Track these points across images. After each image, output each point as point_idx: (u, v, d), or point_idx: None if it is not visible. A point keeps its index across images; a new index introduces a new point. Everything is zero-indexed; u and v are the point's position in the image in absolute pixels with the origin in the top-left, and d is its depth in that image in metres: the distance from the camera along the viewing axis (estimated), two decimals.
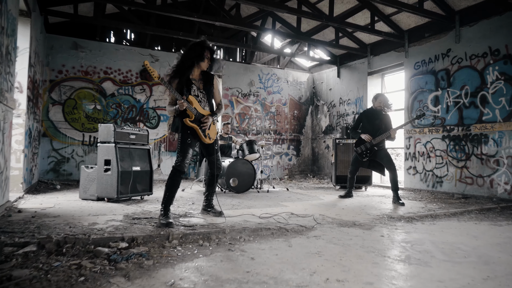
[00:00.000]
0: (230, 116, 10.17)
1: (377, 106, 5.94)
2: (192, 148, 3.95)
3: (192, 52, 3.85)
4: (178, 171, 3.81)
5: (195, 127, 3.85)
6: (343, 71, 10.29)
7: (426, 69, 7.72)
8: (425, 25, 7.77)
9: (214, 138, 4.10)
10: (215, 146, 4.14)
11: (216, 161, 4.20)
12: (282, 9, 6.63)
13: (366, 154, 5.88)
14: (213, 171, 4.23)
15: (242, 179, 6.88)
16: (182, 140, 3.88)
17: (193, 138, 3.93)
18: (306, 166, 11.36)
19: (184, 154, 3.84)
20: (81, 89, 8.35)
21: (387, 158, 5.86)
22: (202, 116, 3.89)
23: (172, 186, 3.83)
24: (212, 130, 4.07)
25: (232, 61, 10.55)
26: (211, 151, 4.13)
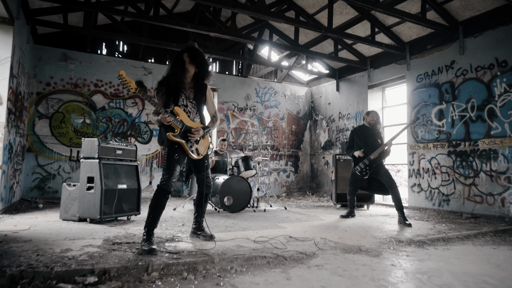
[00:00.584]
0: (225, 131, 9.82)
1: (370, 121, 5.77)
2: (180, 164, 3.56)
3: (173, 58, 3.54)
4: (164, 191, 3.41)
5: (181, 142, 3.48)
6: (342, 85, 10.00)
7: (429, 82, 7.42)
8: (427, 37, 7.52)
9: (203, 153, 3.71)
10: (205, 162, 3.76)
11: (205, 178, 3.81)
12: (279, 19, 6.35)
13: (366, 171, 5.57)
14: (202, 189, 3.83)
15: (237, 197, 6.47)
16: (169, 155, 3.50)
17: (182, 153, 3.55)
18: (304, 183, 10.95)
19: (170, 171, 3.45)
20: (70, 102, 7.99)
21: (386, 175, 5.52)
22: (190, 128, 3.53)
23: (156, 208, 3.42)
24: (202, 145, 3.68)
25: (228, 74, 10.26)
26: (200, 167, 3.74)
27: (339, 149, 9.83)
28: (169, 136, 3.39)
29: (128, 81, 3.17)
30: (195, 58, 3.50)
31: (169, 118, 3.31)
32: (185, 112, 3.53)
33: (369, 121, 5.79)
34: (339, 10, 7.72)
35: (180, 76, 3.47)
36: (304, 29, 8.83)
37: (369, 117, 5.80)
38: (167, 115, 3.30)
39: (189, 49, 3.54)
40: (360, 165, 5.60)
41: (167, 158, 3.49)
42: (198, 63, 3.52)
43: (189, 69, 3.50)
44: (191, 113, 3.58)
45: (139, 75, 8.70)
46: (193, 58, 3.49)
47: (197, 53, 3.55)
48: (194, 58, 3.49)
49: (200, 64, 3.53)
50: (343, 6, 7.61)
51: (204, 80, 3.67)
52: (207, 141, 3.75)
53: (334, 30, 7.03)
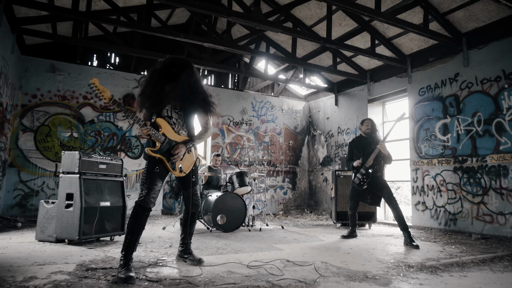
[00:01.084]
0: (220, 146, 9.45)
1: (365, 130, 5.54)
2: (161, 178, 3.18)
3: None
4: (142, 208, 3.03)
5: (161, 158, 3.11)
6: (341, 99, 9.72)
7: (432, 95, 7.13)
8: (428, 49, 7.27)
9: (186, 171, 3.32)
10: (191, 178, 3.38)
11: (192, 196, 3.42)
12: (276, 28, 6.09)
13: (363, 180, 5.27)
14: (188, 208, 3.44)
15: (231, 215, 6.05)
16: (149, 167, 3.13)
17: (163, 166, 3.18)
18: (302, 200, 10.53)
19: (150, 185, 3.07)
20: (57, 115, 7.63)
21: (387, 190, 5.21)
22: (172, 143, 3.17)
23: (134, 227, 3.02)
24: (186, 161, 3.30)
25: (224, 87, 9.97)
26: (186, 183, 3.35)
27: (338, 165, 9.46)
28: (148, 151, 3.06)
29: (101, 90, 2.82)
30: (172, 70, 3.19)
31: (147, 131, 2.96)
32: (169, 124, 3.18)
33: (364, 130, 5.58)
34: (338, 22, 7.50)
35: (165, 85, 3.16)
36: (302, 42, 8.62)
37: (364, 126, 5.59)
38: (144, 128, 2.95)
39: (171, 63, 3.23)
40: (357, 175, 5.34)
41: (146, 171, 3.13)
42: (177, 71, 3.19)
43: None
44: (175, 125, 3.23)
45: (131, 87, 8.38)
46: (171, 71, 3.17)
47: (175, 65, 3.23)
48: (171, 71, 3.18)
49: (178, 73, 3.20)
50: (342, 17, 7.38)
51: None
52: (192, 157, 3.37)
53: (333, 41, 6.77)
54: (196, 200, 3.45)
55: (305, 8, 7.58)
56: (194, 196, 3.43)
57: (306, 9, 7.57)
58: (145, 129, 2.95)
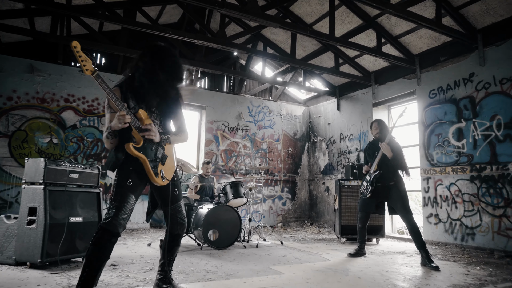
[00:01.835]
0: (214, 153, 8.81)
1: (375, 134, 5.03)
2: (136, 193, 2.53)
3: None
4: (107, 232, 2.35)
5: (143, 158, 2.48)
6: (343, 103, 9.12)
7: (445, 98, 6.55)
8: (439, 48, 6.71)
9: (170, 177, 2.70)
10: (174, 191, 2.74)
11: (176, 214, 2.77)
12: (274, 22, 5.50)
13: (367, 189, 4.80)
14: (173, 229, 2.79)
15: (224, 230, 5.41)
16: (120, 180, 2.49)
17: (138, 177, 2.54)
18: (302, 211, 9.87)
19: (120, 202, 2.42)
20: (35, 119, 6.98)
21: (402, 203, 4.58)
22: (154, 143, 2.57)
23: (95, 258, 2.34)
24: (168, 166, 2.68)
25: (218, 91, 9.37)
26: (166, 198, 2.70)
27: (341, 174, 8.83)
28: (129, 147, 2.40)
29: (84, 58, 2.19)
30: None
31: (129, 118, 2.33)
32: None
33: (374, 134, 5.06)
34: (340, 19, 6.94)
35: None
36: (302, 42, 8.06)
37: (373, 129, 5.07)
38: (126, 112, 2.32)
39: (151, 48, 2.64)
40: (363, 183, 4.86)
41: (116, 184, 2.48)
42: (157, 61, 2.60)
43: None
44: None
45: None
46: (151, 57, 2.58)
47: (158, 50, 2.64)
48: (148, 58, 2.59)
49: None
50: (346, 14, 6.83)
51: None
52: (172, 161, 2.75)
53: (336, 38, 6.19)
54: (182, 218, 2.80)
55: (305, 4, 7.03)
56: (179, 214, 2.78)
57: (306, 5, 7.02)
58: (128, 116, 2.32)
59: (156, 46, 2.59)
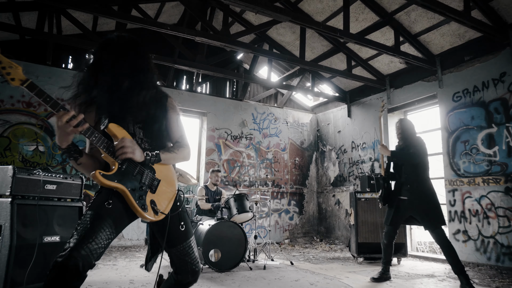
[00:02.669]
0: (216, 163, 8.16)
1: (398, 138, 4.47)
2: (115, 223, 1.72)
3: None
4: (64, 269, 1.49)
5: (121, 188, 1.75)
6: (354, 110, 8.50)
7: (471, 101, 5.92)
8: (464, 46, 6.12)
9: (166, 209, 1.91)
10: (179, 226, 1.96)
11: (185, 257, 1.94)
12: (283, 15, 4.92)
13: (381, 196, 4.26)
14: (181, 277, 1.97)
15: (227, 249, 4.73)
16: (96, 199, 1.78)
17: (120, 201, 1.79)
18: (311, 226, 9.15)
19: (89, 230, 1.62)
20: (20, 124, 6.37)
21: (429, 217, 3.91)
22: (138, 165, 1.82)
23: None
24: (162, 194, 1.92)
25: (220, 96, 8.77)
26: (172, 235, 1.92)
27: (354, 186, 8.15)
28: (96, 177, 1.67)
29: (7, 64, 1.51)
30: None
31: (85, 126, 1.64)
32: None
33: (397, 137, 4.52)
34: (354, 16, 6.37)
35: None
36: (311, 43, 7.49)
37: (397, 131, 4.50)
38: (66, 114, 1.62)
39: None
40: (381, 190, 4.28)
41: (91, 204, 1.76)
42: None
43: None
44: (136, 140, 1.89)
45: None
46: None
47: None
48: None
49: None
50: (360, 10, 6.26)
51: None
52: (172, 186, 1.98)
53: (351, 34, 5.60)
54: (193, 263, 1.95)
55: (315, 0, 6.47)
56: (188, 257, 1.94)
57: (317, 1, 6.46)
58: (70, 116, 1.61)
59: (105, 39, 1.88)
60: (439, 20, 5.85)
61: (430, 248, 7.78)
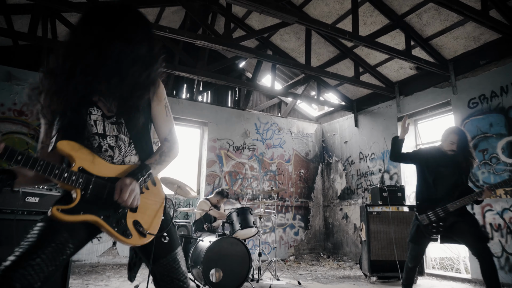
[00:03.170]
0: (217, 176, 7.77)
1: (448, 148, 3.46)
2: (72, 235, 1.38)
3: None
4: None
5: (92, 220, 1.39)
6: (362, 119, 8.15)
7: (489, 107, 5.57)
8: (479, 50, 5.80)
9: (154, 230, 1.56)
10: (162, 237, 1.58)
11: (170, 272, 1.58)
12: (290, 16, 4.61)
13: (438, 227, 3.34)
14: None
15: (230, 269, 4.31)
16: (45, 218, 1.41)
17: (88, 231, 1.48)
18: (317, 242, 8.69)
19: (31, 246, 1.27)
20: (10, 134, 6.03)
21: (478, 234, 3.39)
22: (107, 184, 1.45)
23: None
24: (146, 210, 1.56)
25: (222, 106, 8.44)
26: (148, 250, 1.55)
27: (363, 198, 7.73)
28: (54, 215, 1.30)
29: None
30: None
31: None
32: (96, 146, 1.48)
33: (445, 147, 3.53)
34: (362, 19, 6.08)
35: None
36: (316, 49, 7.21)
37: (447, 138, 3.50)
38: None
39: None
40: (429, 215, 3.36)
41: (42, 218, 1.41)
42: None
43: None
44: (115, 150, 1.51)
45: None
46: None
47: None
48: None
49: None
50: (369, 13, 5.97)
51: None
52: (157, 194, 1.62)
53: (361, 37, 5.30)
54: (179, 278, 1.59)
55: (321, 4, 6.19)
56: (174, 273, 1.59)
57: (323, 4, 6.18)
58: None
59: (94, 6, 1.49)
60: (452, 22, 5.55)
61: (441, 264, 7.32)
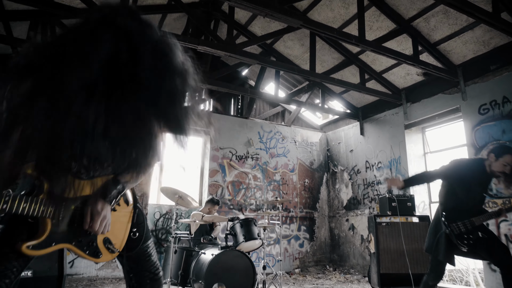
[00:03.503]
0: (220, 186, 7.57)
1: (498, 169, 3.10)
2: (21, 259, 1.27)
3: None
4: None
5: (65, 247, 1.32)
6: (368, 127, 7.96)
7: (501, 113, 5.38)
8: (488, 55, 5.64)
9: (122, 245, 1.48)
10: (131, 233, 1.52)
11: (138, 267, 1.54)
12: (295, 19, 4.48)
13: (469, 239, 3.11)
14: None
15: (233, 283, 4.10)
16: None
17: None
18: (322, 254, 8.43)
19: None
20: None
21: (502, 247, 3.17)
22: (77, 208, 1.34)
23: None
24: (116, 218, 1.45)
25: (225, 114, 8.28)
26: (126, 246, 1.50)
27: (370, 209, 7.50)
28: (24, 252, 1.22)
29: None
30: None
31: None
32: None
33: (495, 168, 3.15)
34: (368, 24, 5.93)
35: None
36: (320, 56, 7.07)
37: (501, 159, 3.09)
38: None
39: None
40: (459, 225, 3.13)
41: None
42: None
43: None
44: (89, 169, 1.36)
45: None
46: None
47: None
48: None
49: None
50: (375, 17, 5.84)
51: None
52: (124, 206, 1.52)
53: (367, 41, 5.15)
54: (151, 270, 1.56)
55: (326, 9, 6.07)
56: (144, 265, 1.55)
57: (328, 9, 6.06)
58: None
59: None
60: (461, 26, 5.41)
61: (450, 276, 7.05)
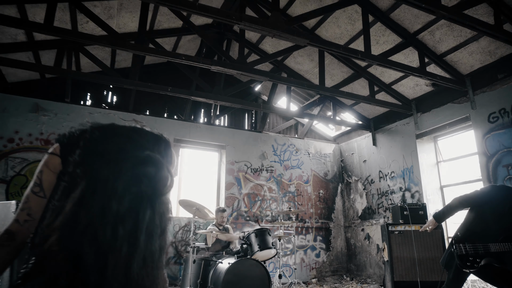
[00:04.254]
0: (236, 198, 7.80)
1: None
2: None
3: None
4: None
5: None
6: (380, 137, 8.09)
7: (509, 121, 5.45)
8: (495, 64, 5.74)
9: None
10: None
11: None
12: (302, 38, 4.74)
13: (473, 263, 3.08)
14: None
15: None
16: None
17: None
18: (339, 264, 8.49)
19: None
20: (37, 162, 6.29)
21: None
22: None
23: None
24: None
25: (239, 129, 8.56)
26: None
27: (384, 218, 7.57)
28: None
29: None
30: None
31: None
32: None
33: None
34: (374, 39, 6.15)
35: None
36: (330, 70, 7.30)
37: None
38: None
39: None
40: (466, 246, 3.11)
41: None
42: None
43: None
44: None
45: None
46: None
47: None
48: None
49: None
50: (381, 32, 6.05)
51: None
52: None
53: (373, 56, 5.35)
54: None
55: (333, 26, 6.32)
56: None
57: (335, 26, 6.30)
58: None
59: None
60: (466, 38, 5.55)
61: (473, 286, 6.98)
